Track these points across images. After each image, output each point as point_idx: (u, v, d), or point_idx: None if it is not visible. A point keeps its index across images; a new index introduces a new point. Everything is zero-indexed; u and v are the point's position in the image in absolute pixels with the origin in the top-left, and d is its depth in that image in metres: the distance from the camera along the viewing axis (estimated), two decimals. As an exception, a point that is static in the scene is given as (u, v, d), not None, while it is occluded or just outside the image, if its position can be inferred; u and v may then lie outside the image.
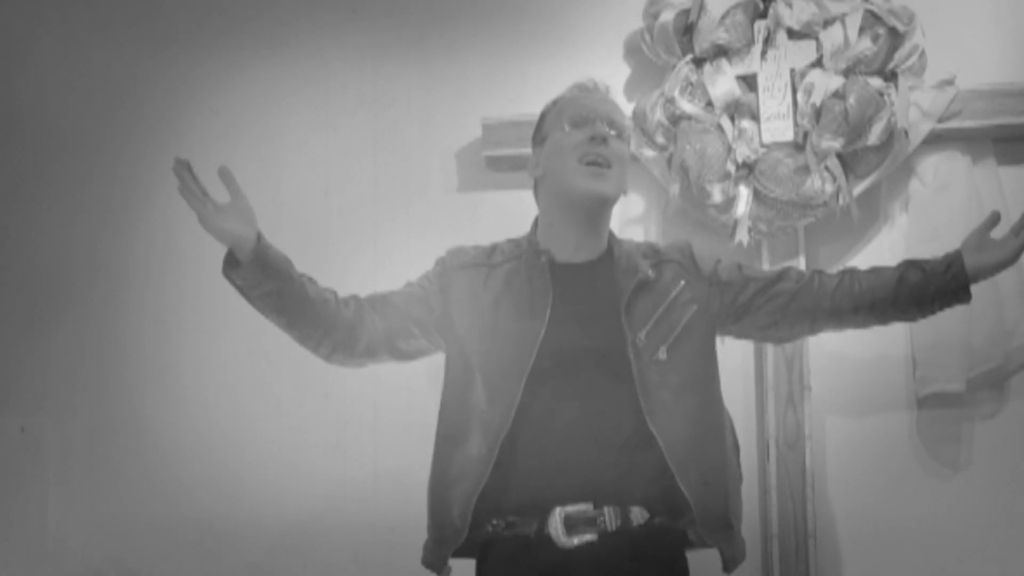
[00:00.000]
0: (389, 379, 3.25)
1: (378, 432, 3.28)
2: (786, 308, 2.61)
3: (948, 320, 3.06)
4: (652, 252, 2.62)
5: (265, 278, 2.46)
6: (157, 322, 3.42)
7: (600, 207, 2.56)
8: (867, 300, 2.59)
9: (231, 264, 2.46)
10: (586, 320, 2.49)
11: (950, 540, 3.10)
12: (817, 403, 3.14)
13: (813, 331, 2.70)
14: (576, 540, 2.37)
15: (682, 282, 2.56)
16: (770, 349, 3.10)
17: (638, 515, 2.41)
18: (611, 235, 2.63)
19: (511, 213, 3.11)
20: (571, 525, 2.37)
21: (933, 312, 2.64)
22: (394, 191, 3.39)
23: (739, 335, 2.74)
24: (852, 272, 2.63)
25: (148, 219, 3.45)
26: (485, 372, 2.47)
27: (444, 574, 2.52)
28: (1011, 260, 2.59)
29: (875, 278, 2.60)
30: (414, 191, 3.38)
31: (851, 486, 3.15)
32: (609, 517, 2.39)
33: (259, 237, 2.46)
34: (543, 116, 2.66)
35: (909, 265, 2.60)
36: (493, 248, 2.64)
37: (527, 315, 2.48)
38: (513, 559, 2.42)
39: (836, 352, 3.18)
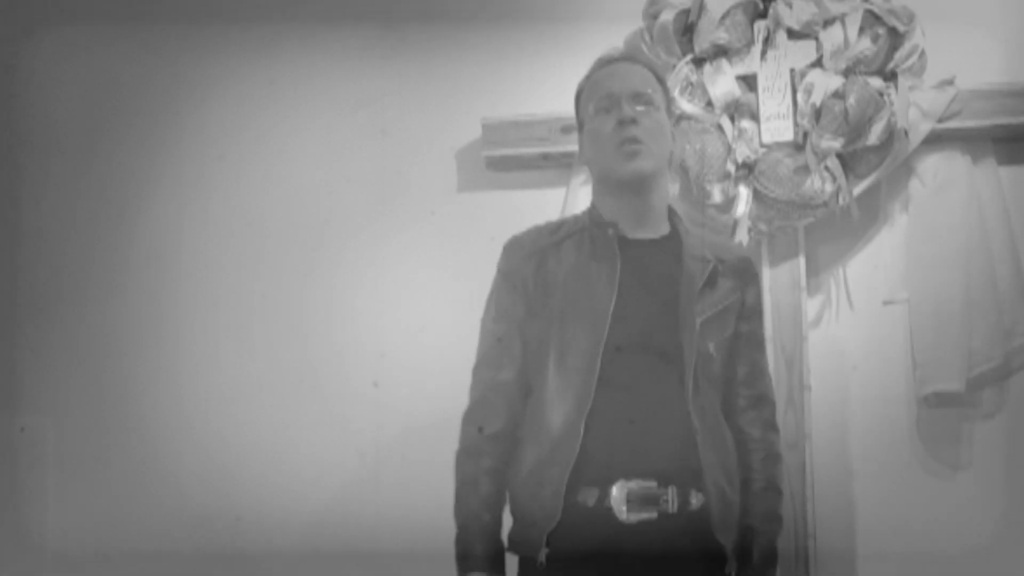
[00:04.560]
0: (389, 379, 3.26)
1: (379, 432, 3.28)
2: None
3: (948, 320, 3.07)
4: (716, 248, 2.60)
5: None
6: (156, 322, 3.42)
7: (645, 184, 2.53)
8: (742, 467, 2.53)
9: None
10: (653, 298, 2.48)
11: (950, 540, 3.10)
12: (817, 403, 3.14)
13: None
14: (635, 517, 2.36)
15: (738, 292, 2.57)
16: (770, 349, 3.10)
17: (697, 499, 2.40)
18: (674, 215, 2.62)
19: (511, 213, 3.12)
20: (632, 501, 2.36)
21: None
22: (394, 191, 3.39)
23: None
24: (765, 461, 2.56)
25: (147, 219, 3.46)
26: (561, 349, 2.45)
27: (541, 556, 2.41)
28: None
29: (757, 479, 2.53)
30: (414, 191, 3.38)
31: (851, 486, 3.15)
32: (671, 497, 2.38)
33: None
34: (577, 97, 2.65)
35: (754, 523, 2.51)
36: (559, 225, 2.61)
37: (596, 288, 2.47)
38: (572, 529, 2.39)
39: (836, 352, 3.18)
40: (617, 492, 2.37)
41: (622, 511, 2.36)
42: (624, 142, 2.49)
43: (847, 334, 3.20)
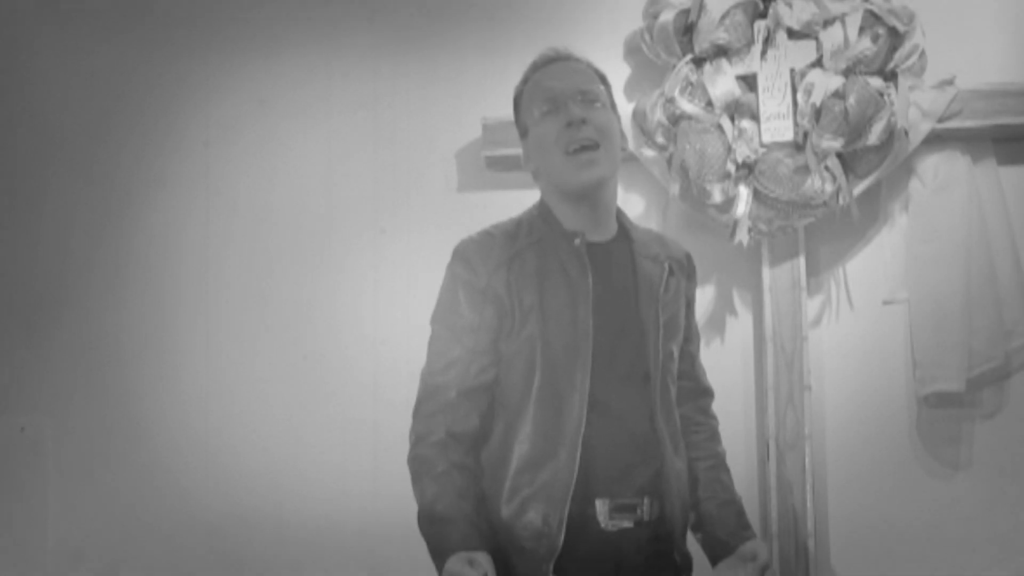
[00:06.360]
0: (390, 379, 3.25)
1: (379, 433, 3.28)
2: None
3: (948, 320, 3.07)
4: (662, 244, 2.58)
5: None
6: (156, 322, 3.42)
7: (601, 190, 2.46)
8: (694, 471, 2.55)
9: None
10: (619, 305, 2.44)
11: (950, 540, 3.10)
12: (817, 403, 3.14)
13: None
14: (615, 526, 2.36)
15: (685, 288, 2.57)
16: (770, 349, 3.11)
17: (673, 507, 2.42)
18: (620, 212, 2.56)
19: (511, 213, 3.12)
20: (613, 510, 2.36)
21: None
22: (394, 191, 3.39)
23: None
24: (712, 460, 2.59)
25: (147, 219, 3.46)
26: (546, 371, 2.38)
27: None
28: None
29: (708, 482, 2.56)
30: (414, 191, 3.38)
31: (851, 486, 3.15)
32: (647, 507, 2.38)
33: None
34: (516, 103, 2.56)
35: (710, 520, 2.53)
36: (514, 231, 2.49)
37: (574, 304, 2.39)
38: (576, 553, 2.36)
39: (836, 352, 3.18)
40: (600, 507, 2.36)
41: (604, 521, 2.35)
42: (573, 143, 2.41)
43: (847, 334, 3.20)
